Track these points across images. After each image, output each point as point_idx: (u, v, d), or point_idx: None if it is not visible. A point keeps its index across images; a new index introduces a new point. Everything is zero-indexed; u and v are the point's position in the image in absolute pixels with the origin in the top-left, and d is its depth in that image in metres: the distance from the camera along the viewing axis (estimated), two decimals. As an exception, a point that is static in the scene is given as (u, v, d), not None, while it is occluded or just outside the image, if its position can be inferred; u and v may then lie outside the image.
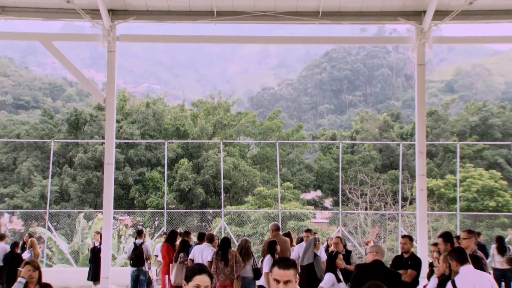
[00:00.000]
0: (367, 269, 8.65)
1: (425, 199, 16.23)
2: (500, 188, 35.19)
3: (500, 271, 15.70)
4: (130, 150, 40.83)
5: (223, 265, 12.35)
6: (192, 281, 4.53)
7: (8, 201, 37.80)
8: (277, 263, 4.56)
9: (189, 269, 4.72)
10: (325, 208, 46.00)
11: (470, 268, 7.18)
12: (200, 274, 4.56)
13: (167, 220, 25.33)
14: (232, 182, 40.05)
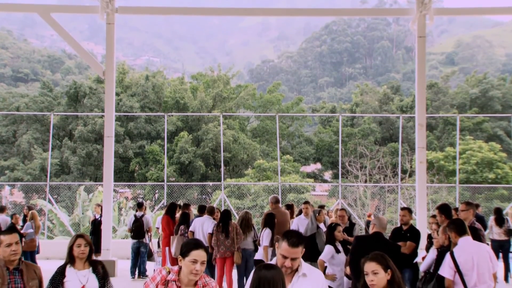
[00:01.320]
0: (366, 241, 8.71)
1: (425, 172, 16.28)
2: (500, 160, 35.25)
3: (498, 242, 15.80)
4: (130, 123, 40.78)
5: (224, 237, 12.42)
6: (189, 256, 4.57)
7: (8, 174, 37.87)
8: (287, 239, 4.56)
9: (185, 245, 4.75)
10: (324, 181, 46.08)
11: (469, 240, 7.22)
12: (196, 249, 4.60)
13: (167, 193, 25.43)
14: (232, 155, 40.09)
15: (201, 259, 4.57)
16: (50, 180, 26.30)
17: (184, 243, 4.82)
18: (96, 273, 6.10)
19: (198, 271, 4.57)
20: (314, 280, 4.70)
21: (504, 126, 44.60)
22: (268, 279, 3.78)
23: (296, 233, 4.76)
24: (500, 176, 34.10)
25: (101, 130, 37.18)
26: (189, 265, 4.56)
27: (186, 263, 4.58)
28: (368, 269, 4.68)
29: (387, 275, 4.63)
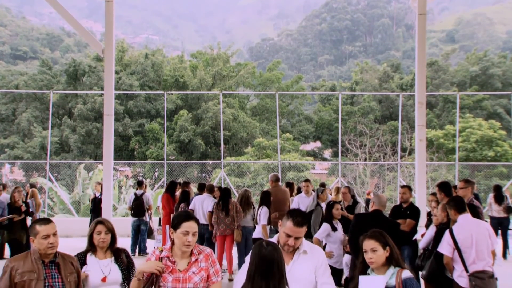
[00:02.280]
0: (365, 219, 8.73)
1: (424, 150, 16.28)
2: (499, 138, 35.26)
3: (497, 220, 15.87)
4: (129, 101, 40.72)
5: (224, 215, 12.46)
6: (180, 228, 4.58)
7: (8, 152, 37.89)
8: (293, 219, 4.56)
9: (176, 217, 4.76)
10: (324, 159, 46.12)
11: (468, 217, 7.24)
12: (187, 220, 4.61)
13: (167, 171, 25.44)
14: (231, 134, 40.09)
15: (192, 230, 4.58)
16: (50, 159, 26.28)
17: (175, 216, 4.84)
18: (119, 263, 5.59)
19: (190, 242, 4.58)
20: (315, 257, 4.72)
21: (504, 104, 44.54)
22: (267, 257, 3.80)
23: (301, 212, 4.77)
24: (499, 154, 34.14)
25: (100, 108, 37.13)
26: (181, 237, 4.57)
27: (178, 235, 4.59)
28: (367, 247, 4.71)
29: (385, 252, 4.65)
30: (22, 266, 4.83)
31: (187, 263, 4.67)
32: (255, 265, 3.82)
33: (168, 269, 4.60)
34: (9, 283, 4.75)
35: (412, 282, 4.57)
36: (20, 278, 4.77)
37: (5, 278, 4.77)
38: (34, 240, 4.91)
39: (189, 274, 4.61)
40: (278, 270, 3.80)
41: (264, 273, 3.77)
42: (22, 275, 4.78)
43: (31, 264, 4.86)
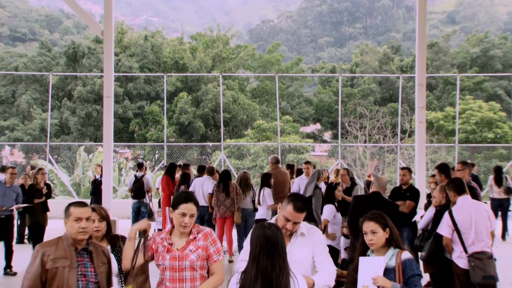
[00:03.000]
0: (364, 201, 8.76)
1: (424, 132, 16.27)
2: (499, 119, 35.25)
3: (497, 201, 15.95)
4: (129, 83, 40.64)
5: (224, 197, 12.51)
6: (178, 208, 4.61)
7: (8, 134, 37.91)
8: (294, 203, 4.57)
9: (176, 197, 4.79)
10: (324, 141, 46.12)
11: (468, 199, 7.27)
12: (186, 202, 4.63)
13: (167, 153, 25.45)
14: (231, 116, 40.06)
15: (190, 212, 4.60)
16: (50, 141, 26.30)
17: (175, 196, 4.86)
18: (116, 252, 5.25)
19: (186, 224, 4.60)
20: (312, 238, 4.74)
21: (505, 85, 44.46)
22: (272, 237, 3.81)
23: (302, 197, 4.77)
24: (499, 136, 34.15)
25: (100, 90, 37.05)
26: (178, 217, 4.61)
27: (176, 216, 4.63)
28: (366, 229, 4.72)
29: (385, 233, 4.67)
30: (54, 252, 4.51)
31: (185, 241, 4.68)
32: (259, 246, 3.82)
33: (165, 249, 4.64)
34: (40, 269, 4.43)
35: (411, 263, 4.60)
36: (53, 265, 4.46)
37: (36, 264, 4.46)
38: (67, 223, 4.65)
39: (186, 252, 4.62)
40: (282, 250, 3.82)
41: (269, 253, 3.78)
42: (55, 262, 4.47)
43: (63, 250, 4.54)
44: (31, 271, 4.43)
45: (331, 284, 4.71)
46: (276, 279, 3.71)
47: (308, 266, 4.66)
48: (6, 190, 11.46)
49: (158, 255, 4.66)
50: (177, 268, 4.59)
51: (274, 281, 3.71)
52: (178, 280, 4.60)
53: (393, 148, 30.33)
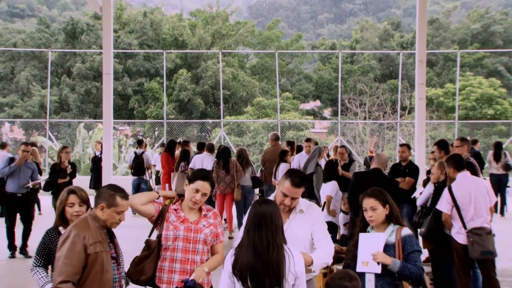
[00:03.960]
0: (364, 177, 8.79)
1: (424, 108, 16.29)
2: (499, 96, 35.21)
3: (496, 177, 16.04)
4: (128, 60, 40.49)
5: (224, 174, 12.55)
6: (193, 183, 4.65)
7: (8, 111, 37.87)
8: (291, 178, 4.58)
9: (195, 172, 4.83)
10: (324, 118, 46.08)
11: (467, 175, 7.28)
12: (203, 180, 4.66)
13: (167, 131, 25.46)
14: (231, 93, 39.98)
15: (203, 191, 4.64)
16: (50, 118, 26.29)
17: (195, 170, 4.91)
18: None
19: (197, 200, 4.65)
20: (311, 215, 4.75)
21: (505, 61, 44.31)
22: (260, 212, 3.85)
23: (299, 173, 4.79)
24: (499, 112, 34.12)
25: (99, 67, 36.90)
26: (191, 192, 4.65)
27: (189, 189, 4.67)
28: (366, 205, 4.73)
29: (385, 210, 4.68)
30: (92, 236, 4.25)
31: (197, 216, 4.77)
32: (249, 220, 3.89)
33: (180, 219, 4.68)
34: (84, 255, 4.16)
35: (411, 239, 4.62)
36: (93, 250, 4.21)
37: (79, 250, 4.16)
38: (104, 209, 4.37)
39: (200, 226, 4.71)
40: (271, 224, 3.84)
41: (257, 226, 3.82)
42: (95, 246, 4.23)
43: (97, 234, 4.31)
44: (73, 257, 4.12)
45: (329, 261, 4.74)
46: (266, 252, 3.74)
47: (307, 243, 4.67)
48: (21, 167, 10.99)
49: (169, 224, 4.68)
50: (191, 240, 4.65)
51: (264, 254, 3.74)
52: (191, 252, 4.66)
53: (393, 124, 30.33)
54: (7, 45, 40.52)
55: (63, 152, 12.06)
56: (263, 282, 3.72)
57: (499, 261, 7.96)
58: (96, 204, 4.41)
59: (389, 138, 32.05)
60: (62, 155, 11.98)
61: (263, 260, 3.73)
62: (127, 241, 5.28)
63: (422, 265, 4.59)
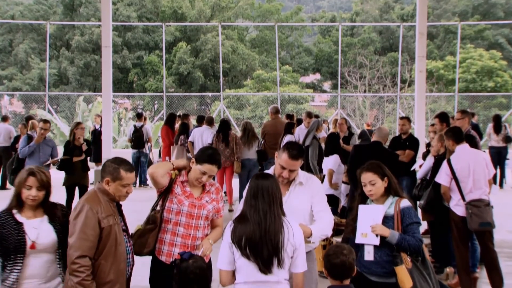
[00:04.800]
0: (364, 150, 8.81)
1: (424, 81, 16.24)
2: (500, 68, 35.09)
3: (495, 149, 16.09)
4: (127, 33, 40.28)
5: (224, 147, 12.55)
6: (202, 165, 4.64)
7: (7, 84, 37.75)
8: (288, 150, 4.61)
9: (203, 153, 4.78)
10: (323, 91, 46.00)
11: (466, 147, 7.29)
12: (211, 163, 4.66)
13: (167, 104, 25.41)
14: (231, 66, 39.84)
15: (210, 173, 4.66)
16: (49, 91, 26.24)
17: (203, 150, 4.85)
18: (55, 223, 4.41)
19: (203, 181, 4.70)
20: (311, 187, 4.78)
21: (506, 33, 44.04)
22: (263, 186, 3.89)
23: (297, 145, 4.82)
24: (499, 85, 34.05)
25: (98, 40, 36.67)
26: (197, 172, 4.66)
27: (196, 170, 4.67)
28: (365, 180, 4.74)
29: (384, 183, 4.69)
30: (104, 209, 4.25)
31: (200, 192, 4.80)
32: (247, 192, 3.99)
33: (185, 194, 4.70)
34: (98, 229, 4.16)
35: (410, 211, 4.64)
36: (107, 223, 4.22)
37: (93, 224, 4.16)
38: (109, 183, 4.34)
39: (203, 202, 4.74)
40: (268, 195, 3.90)
41: (254, 197, 3.92)
42: (108, 220, 4.24)
43: (108, 207, 4.31)
44: (88, 231, 4.12)
45: (329, 233, 4.78)
46: (263, 223, 3.80)
47: (306, 215, 4.71)
48: (40, 145, 10.54)
49: (173, 197, 4.71)
50: (194, 216, 4.69)
51: (261, 225, 3.80)
52: (193, 227, 4.70)
53: (393, 98, 30.29)
54: (5, 17, 40.24)
55: (78, 128, 11.25)
56: (261, 251, 3.77)
57: (497, 233, 8.02)
58: (102, 178, 4.41)
59: (389, 111, 32.02)
60: (77, 131, 11.16)
61: (260, 230, 3.78)
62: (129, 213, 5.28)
63: (420, 237, 4.62)
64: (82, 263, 4.05)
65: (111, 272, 4.23)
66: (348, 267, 3.92)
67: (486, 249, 7.36)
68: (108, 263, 4.21)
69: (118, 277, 4.30)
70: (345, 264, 3.90)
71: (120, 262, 4.30)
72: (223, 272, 3.96)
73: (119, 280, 4.31)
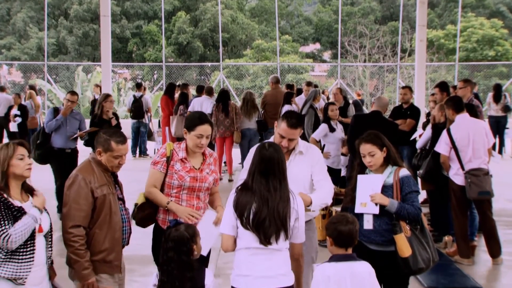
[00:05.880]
0: (364, 119, 8.82)
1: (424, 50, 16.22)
2: (501, 37, 34.88)
3: (495, 118, 16.11)
4: (126, 2, 39.94)
5: (223, 117, 12.55)
6: (194, 130, 4.63)
7: (5, 53, 37.54)
8: (287, 119, 4.63)
9: (190, 119, 4.80)
10: (323, 61, 45.77)
11: (466, 117, 7.29)
12: (202, 124, 4.65)
13: (166, 74, 25.35)
14: (230, 36, 39.60)
15: (206, 134, 4.65)
16: (48, 60, 26.15)
17: (189, 117, 4.89)
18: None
19: (203, 144, 4.68)
20: (311, 156, 4.80)
21: (508, 2, 43.60)
22: (267, 157, 3.87)
23: (296, 114, 4.85)
24: (500, 54, 33.89)
25: (97, 9, 36.34)
26: (194, 139, 4.64)
27: (192, 137, 4.66)
28: (364, 151, 4.73)
29: (383, 153, 4.69)
30: (97, 179, 4.26)
31: (200, 163, 4.80)
32: (255, 164, 3.91)
33: (186, 169, 4.69)
34: (91, 198, 4.18)
35: (409, 180, 4.65)
36: (100, 192, 4.23)
37: (87, 195, 4.17)
38: (101, 154, 4.32)
39: (204, 174, 4.75)
40: (278, 170, 3.88)
41: (265, 173, 3.86)
42: (101, 189, 4.25)
43: (102, 176, 4.31)
44: (81, 202, 4.14)
45: (329, 202, 4.82)
46: (272, 199, 3.80)
47: (307, 184, 4.74)
48: (67, 118, 9.49)
49: (173, 173, 4.71)
50: (196, 189, 4.72)
51: (269, 201, 3.79)
52: (195, 198, 4.75)
53: (393, 67, 30.17)
54: (2, -14, 39.89)
55: (107, 101, 10.33)
56: (268, 227, 3.78)
57: (496, 202, 8.06)
58: (95, 148, 4.42)
59: (389, 81, 31.93)
60: (106, 104, 10.25)
61: (269, 207, 3.79)
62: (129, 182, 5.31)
63: (419, 205, 4.64)
64: (75, 232, 4.10)
65: (106, 241, 4.27)
66: (354, 236, 3.94)
67: (485, 218, 7.43)
68: (103, 232, 4.26)
69: (114, 246, 4.34)
70: (352, 232, 3.92)
71: (115, 231, 4.34)
72: (225, 236, 3.98)
73: (115, 248, 4.36)
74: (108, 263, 4.31)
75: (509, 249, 7.78)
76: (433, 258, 4.58)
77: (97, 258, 4.24)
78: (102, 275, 4.28)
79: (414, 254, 4.43)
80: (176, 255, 3.82)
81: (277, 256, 3.88)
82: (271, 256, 3.86)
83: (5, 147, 3.97)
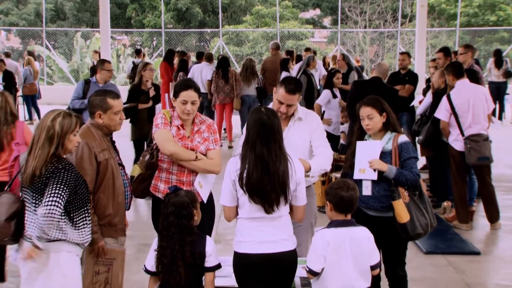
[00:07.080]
0: (363, 85, 8.82)
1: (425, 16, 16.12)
2: (503, 1, 34.51)
3: (495, 84, 16.06)
4: (124, -33, 39.56)
5: (223, 84, 12.53)
6: (179, 96, 4.60)
7: (3, 19, 37.25)
8: (285, 85, 4.60)
9: (176, 85, 4.78)
10: (323, 27, 45.41)
11: (466, 82, 7.28)
12: (186, 89, 4.61)
13: (165, 40, 25.20)
14: (229, 1, 39.22)
15: (191, 99, 4.59)
16: (46, 26, 25.99)
17: (175, 84, 4.85)
18: None
19: (189, 111, 4.61)
20: (310, 122, 4.80)
21: (510, -34, 43.27)
22: (267, 123, 3.83)
23: (294, 80, 4.83)
24: (501, 19, 33.59)
25: (94, -27, 36.11)
26: (180, 105, 4.61)
27: (178, 104, 4.63)
28: (363, 114, 4.72)
29: (382, 118, 4.67)
30: (98, 144, 4.29)
31: (190, 131, 4.75)
32: (256, 132, 3.85)
33: (179, 136, 4.67)
34: (96, 163, 4.22)
35: (408, 146, 4.65)
36: (103, 157, 4.27)
37: (90, 159, 4.21)
38: (101, 115, 4.32)
39: (195, 143, 4.70)
40: (279, 135, 3.87)
41: (265, 139, 3.81)
42: (103, 154, 4.29)
43: (102, 141, 4.35)
44: (86, 166, 4.17)
45: (328, 168, 4.83)
46: (273, 165, 3.78)
47: (306, 150, 4.75)
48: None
49: None
50: None
51: (270, 167, 3.77)
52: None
53: (393, 33, 30.00)
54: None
55: (147, 69, 9.35)
56: (269, 195, 3.77)
57: (495, 167, 8.10)
58: (92, 113, 4.38)
59: (389, 47, 31.77)
60: (145, 73, 9.27)
61: (270, 173, 3.78)
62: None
63: (418, 171, 4.65)
64: None
65: (110, 205, 4.31)
66: (355, 202, 3.94)
67: (484, 183, 7.47)
68: (106, 196, 4.29)
69: (118, 210, 4.38)
70: (353, 198, 3.92)
71: (118, 195, 4.38)
72: (226, 208, 3.97)
73: (119, 212, 4.40)
74: (113, 227, 4.36)
75: (508, 214, 7.84)
76: (431, 223, 4.61)
77: (102, 222, 4.28)
78: (107, 239, 4.32)
79: (412, 219, 4.45)
80: (177, 219, 3.81)
81: (279, 222, 3.89)
82: (273, 222, 3.87)
83: (68, 118, 3.92)
